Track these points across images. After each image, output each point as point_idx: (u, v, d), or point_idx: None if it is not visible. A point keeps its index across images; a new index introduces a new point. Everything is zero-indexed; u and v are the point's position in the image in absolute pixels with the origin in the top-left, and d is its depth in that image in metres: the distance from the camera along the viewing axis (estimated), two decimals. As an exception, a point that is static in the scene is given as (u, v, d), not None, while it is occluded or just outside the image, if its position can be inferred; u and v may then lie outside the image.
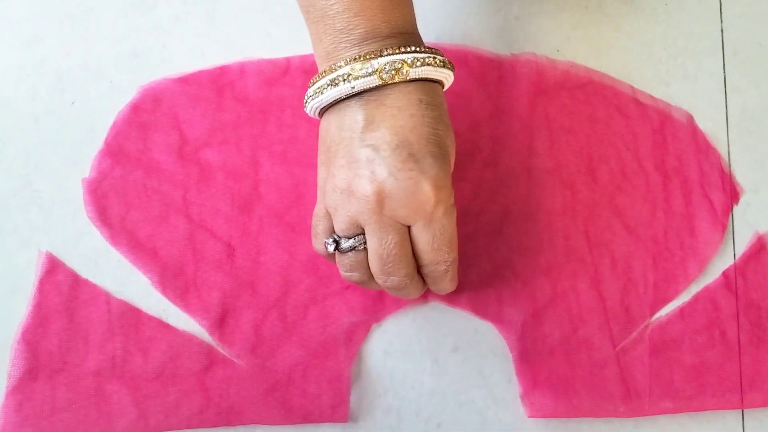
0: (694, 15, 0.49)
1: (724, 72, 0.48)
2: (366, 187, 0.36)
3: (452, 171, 0.39)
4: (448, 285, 0.40)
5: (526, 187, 0.46)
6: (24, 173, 0.45)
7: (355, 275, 0.39)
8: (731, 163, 0.47)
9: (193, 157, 0.45)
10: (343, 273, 0.40)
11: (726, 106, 0.48)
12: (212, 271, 0.43)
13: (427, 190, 0.36)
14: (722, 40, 0.49)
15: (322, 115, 0.39)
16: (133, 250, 0.44)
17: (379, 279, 0.38)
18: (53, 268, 0.43)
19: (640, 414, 0.43)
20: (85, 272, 0.43)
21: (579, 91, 0.47)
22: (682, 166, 0.46)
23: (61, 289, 0.43)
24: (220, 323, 0.43)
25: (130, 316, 0.43)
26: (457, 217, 0.45)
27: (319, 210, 0.40)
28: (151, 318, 0.43)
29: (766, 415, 0.44)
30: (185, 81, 0.46)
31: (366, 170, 0.36)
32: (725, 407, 0.44)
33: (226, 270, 0.44)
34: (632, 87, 0.47)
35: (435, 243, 0.38)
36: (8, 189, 0.44)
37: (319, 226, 0.40)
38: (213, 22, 0.47)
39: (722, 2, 0.49)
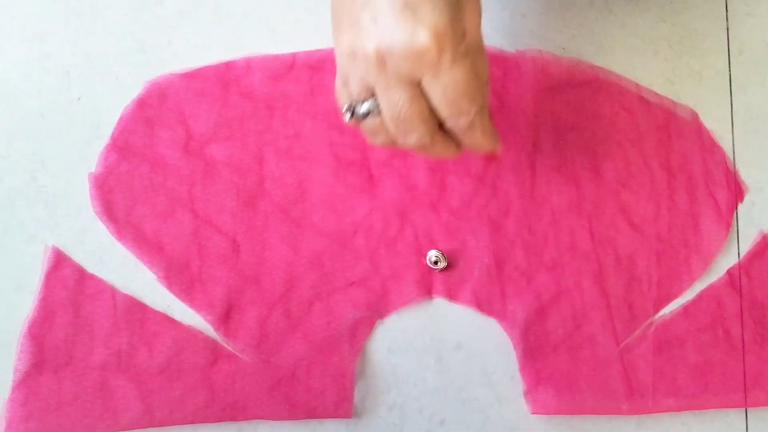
0: (700, 14, 0.49)
1: (730, 71, 0.48)
2: (366, 46, 0.35)
3: (477, 19, 0.36)
4: (480, 139, 0.37)
5: (531, 183, 0.46)
6: (30, 169, 0.45)
7: (380, 138, 0.38)
8: (736, 161, 0.47)
9: (198, 153, 0.45)
10: (368, 139, 0.38)
11: (731, 105, 0.48)
12: (217, 267, 0.44)
13: (423, 38, 0.33)
14: (728, 38, 0.49)
15: None
16: (139, 245, 0.44)
17: (399, 140, 0.37)
18: (59, 262, 0.43)
19: (644, 412, 0.43)
20: (91, 267, 0.44)
21: (584, 88, 0.47)
22: (687, 164, 0.46)
23: (67, 284, 0.43)
24: (225, 318, 0.43)
25: (136, 311, 0.43)
26: (461, 213, 0.45)
27: (336, 81, 0.38)
28: (156, 313, 0.43)
29: (769, 413, 0.44)
30: (191, 76, 0.46)
31: (365, 28, 0.35)
32: (729, 405, 0.44)
33: (231, 265, 0.44)
34: (637, 84, 0.47)
35: (448, 95, 0.35)
36: (15, 184, 0.44)
37: (341, 99, 0.38)
38: (218, 19, 0.47)
39: (728, 1, 0.49)
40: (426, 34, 0.34)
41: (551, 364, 0.43)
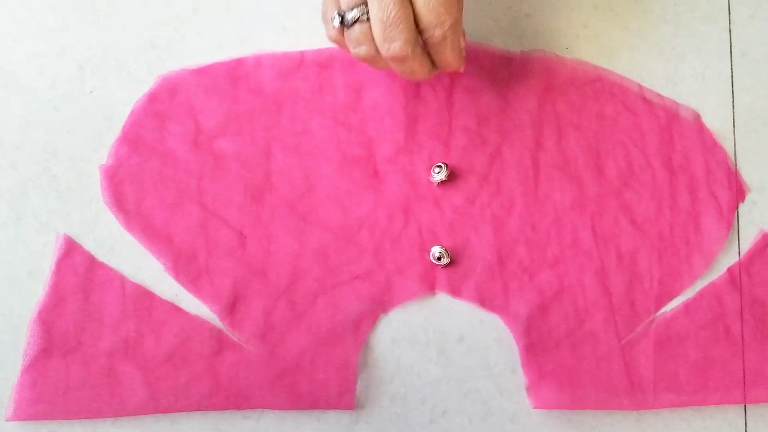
0: (703, 15, 0.49)
1: (732, 72, 0.49)
2: None
3: None
4: (449, 55, 0.40)
5: (534, 181, 0.46)
6: (43, 159, 0.46)
7: (363, 48, 0.40)
8: (738, 161, 0.48)
9: (207, 147, 0.46)
10: (352, 50, 0.40)
11: (733, 106, 0.48)
12: (224, 259, 0.44)
13: None
14: (730, 40, 0.49)
15: None
16: (148, 236, 0.44)
17: (382, 47, 0.39)
18: (70, 250, 0.44)
19: (644, 407, 0.43)
20: (101, 256, 0.44)
21: (587, 88, 0.48)
22: (689, 164, 0.47)
23: (77, 271, 0.44)
24: (230, 309, 0.44)
25: (144, 300, 0.44)
26: (464, 210, 0.46)
27: None
28: (164, 302, 0.44)
29: (768, 410, 0.44)
30: (202, 72, 0.47)
31: None
32: (728, 402, 0.44)
33: (238, 257, 0.44)
34: (640, 85, 0.48)
35: (430, 2, 0.38)
36: (28, 174, 0.45)
37: (328, 11, 0.40)
38: (230, 16, 0.48)
39: (731, 3, 0.50)
40: None
41: (553, 360, 0.44)
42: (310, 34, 0.47)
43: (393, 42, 0.38)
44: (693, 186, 0.47)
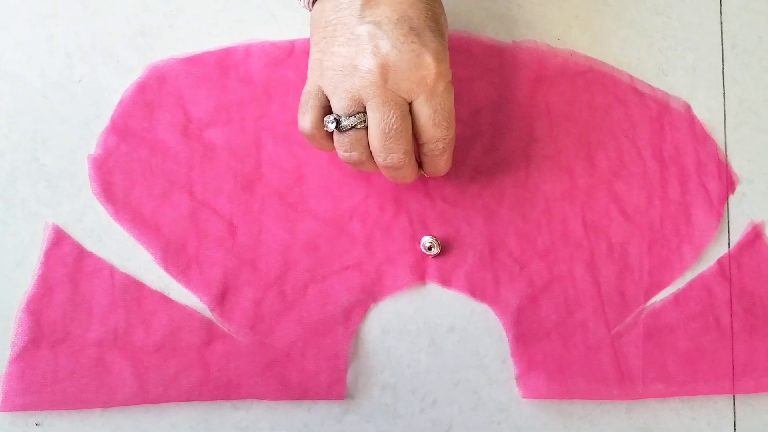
0: (695, 7, 0.49)
1: (723, 64, 0.49)
2: (370, 62, 0.37)
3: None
4: (443, 165, 0.42)
5: (525, 172, 0.46)
6: (31, 148, 0.45)
7: (354, 155, 0.40)
8: (728, 153, 0.48)
9: (197, 136, 0.46)
10: (341, 153, 0.40)
11: (724, 98, 0.48)
12: (214, 249, 0.44)
13: (429, 62, 0.37)
14: (721, 32, 0.49)
15: (314, 3, 0.40)
16: (137, 226, 0.44)
17: (379, 157, 0.39)
18: (59, 240, 0.44)
19: (633, 397, 0.44)
20: (90, 246, 0.44)
21: (579, 79, 0.48)
22: (680, 155, 0.47)
23: (66, 261, 0.43)
24: (220, 300, 0.44)
25: (133, 290, 0.43)
26: (456, 201, 0.46)
27: (310, 88, 0.40)
28: (153, 292, 0.44)
29: (756, 400, 0.45)
30: (191, 61, 0.47)
31: (369, 45, 0.37)
32: (717, 392, 0.44)
33: (228, 247, 0.44)
34: (631, 76, 0.48)
35: (436, 118, 0.39)
36: (16, 163, 0.45)
37: (308, 103, 0.40)
38: (220, 4, 0.48)
39: (722, -5, 0.50)
40: (431, 59, 0.37)
41: (543, 350, 0.44)
42: (300, 23, 0.47)
43: (392, 153, 0.39)
44: (683, 177, 0.47)
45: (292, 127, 0.46)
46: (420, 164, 0.42)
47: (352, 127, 0.39)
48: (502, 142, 0.47)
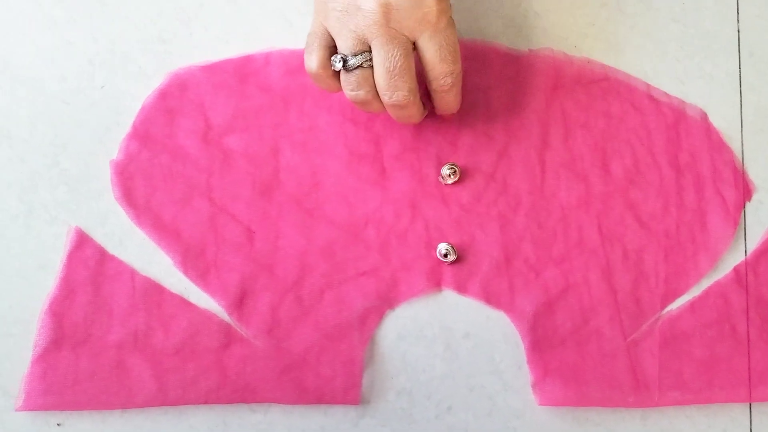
0: (711, 15, 0.49)
1: (740, 71, 0.49)
2: (371, 2, 0.38)
3: None
4: (453, 101, 0.43)
5: (541, 179, 0.46)
6: (53, 153, 0.46)
7: (361, 93, 0.41)
8: (745, 161, 0.48)
9: (216, 143, 0.46)
10: (348, 92, 0.41)
11: (741, 105, 0.48)
12: (232, 254, 0.45)
13: (429, 0, 0.39)
14: (738, 40, 0.49)
15: None
16: (157, 230, 0.45)
17: (385, 95, 0.40)
18: (82, 243, 0.45)
19: (649, 405, 0.44)
20: (111, 249, 0.45)
21: (594, 87, 0.48)
22: (696, 162, 0.47)
23: (88, 264, 0.44)
24: (238, 304, 0.44)
25: (154, 293, 0.44)
26: (471, 207, 0.46)
27: (315, 29, 0.41)
28: (173, 295, 0.44)
29: (773, 409, 0.44)
30: (211, 69, 0.47)
31: None
32: (733, 400, 0.44)
33: (246, 253, 0.45)
34: (647, 84, 0.48)
35: (441, 53, 0.40)
36: (38, 167, 0.46)
37: (314, 43, 0.41)
38: (237, 11, 0.48)
39: (739, 3, 0.50)
40: None
41: (559, 357, 0.44)
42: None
43: (397, 91, 0.40)
44: (699, 185, 0.47)
45: (309, 135, 0.47)
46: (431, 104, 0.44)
47: (358, 66, 0.40)
48: (518, 150, 0.47)
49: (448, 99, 0.43)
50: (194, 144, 0.46)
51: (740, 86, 0.49)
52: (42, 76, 0.47)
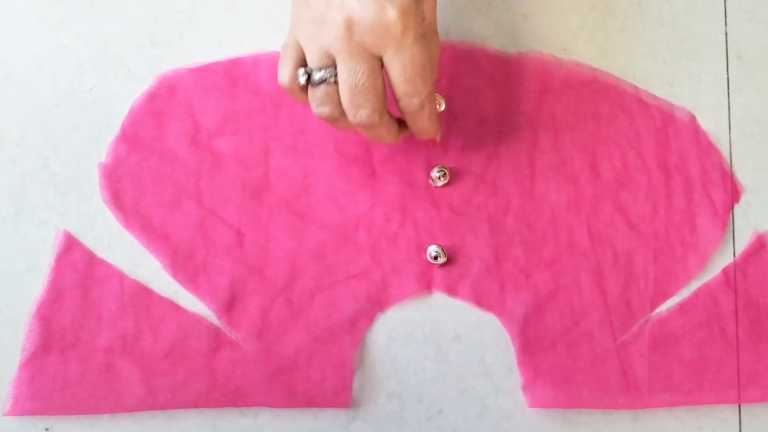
0: (699, 18, 0.50)
1: (728, 74, 0.49)
2: (336, 15, 0.37)
3: (432, 7, 0.40)
4: (426, 124, 0.41)
5: (530, 182, 0.47)
6: (43, 155, 0.46)
7: (326, 109, 0.39)
8: (733, 163, 0.48)
9: (206, 146, 0.46)
10: (315, 109, 0.40)
11: (729, 108, 0.49)
12: (222, 257, 0.44)
13: (392, 14, 0.37)
14: (726, 42, 0.50)
15: None
16: (146, 233, 0.45)
17: (350, 113, 0.39)
18: (70, 246, 0.44)
19: (639, 406, 0.44)
20: (100, 253, 0.44)
21: (584, 90, 0.48)
22: (684, 165, 0.47)
23: (76, 267, 0.44)
24: (228, 307, 0.44)
25: (143, 296, 0.44)
26: (461, 210, 0.46)
27: (289, 41, 0.40)
28: (162, 299, 0.44)
29: (762, 410, 0.45)
30: (200, 71, 0.47)
31: (335, 0, 0.37)
32: (723, 402, 0.44)
33: (236, 256, 0.45)
34: (635, 86, 0.48)
35: (407, 72, 0.38)
36: (27, 170, 0.46)
37: (286, 55, 0.40)
38: (229, 14, 0.48)
39: (727, 6, 0.50)
40: (394, 11, 0.37)
41: (549, 359, 0.44)
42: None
43: (360, 109, 0.38)
44: (688, 187, 0.47)
45: (299, 137, 0.46)
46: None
47: (323, 81, 0.38)
48: (508, 152, 0.47)
49: (420, 122, 0.40)
50: (183, 147, 0.46)
51: (728, 88, 0.49)
52: (33, 78, 0.47)
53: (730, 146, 0.48)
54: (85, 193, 0.45)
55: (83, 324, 0.43)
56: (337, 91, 0.39)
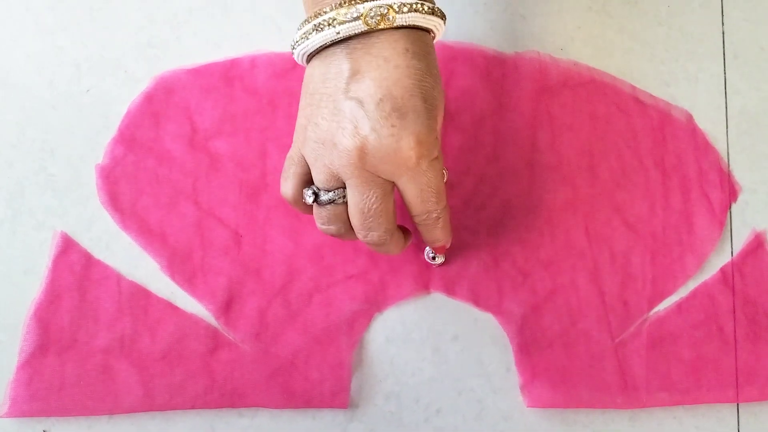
0: (696, 18, 0.50)
1: (725, 74, 0.49)
2: (348, 142, 0.36)
3: (441, 124, 0.39)
4: (440, 234, 0.40)
5: (528, 182, 0.47)
6: (40, 157, 0.46)
7: (332, 228, 0.39)
8: (730, 162, 0.48)
9: (203, 147, 0.46)
10: (319, 225, 0.40)
11: (726, 108, 0.49)
12: (219, 258, 0.44)
13: (407, 147, 0.36)
14: (723, 42, 0.50)
15: (309, 61, 0.39)
16: (143, 235, 0.45)
17: (360, 233, 0.38)
18: (67, 247, 0.44)
19: (637, 406, 0.44)
20: (97, 254, 0.44)
21: (581, 90, 0.48)
22: (681, 164, 0.47)
23: (74, 269, 0.44)
24: (225, 308, 0.44)
25: (140, 298, 0.44)
26: (459, 211, 0.46)
27: (293, 154, 0.39)
28: (159, 300, 0.44)
29: (760, 409, 0.44)
30: (197, 72, 0.47)
31: (349, 124, 0.36)
32: (720, 401, 0.44)
33: (233, 257, 0.45)
34: (633, 86, 0.48)
35: (423, 195, 0.38)
36: (25, 172, 0.46)
37: (290, 169, 0.39)
38: (226, 15, 0.48)
39: (724, 6, 0.50)
40: (411, 143, 0.36)
41: (547, 359, 0.44)
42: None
43: (372, 231, 0.38)
44: (685, 186, 0.47)
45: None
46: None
47: (331, 202, 0.38)
48: (505, 153, 0.47)
49: (433, 232, 0.40)
50: (180, 148, 0.46)
51: (725, 88, 0.49)
52: (30, 80, 0.47)
53: (728, 146, 0.48)
54: (83, 194, 0.45)
55: (81, 325, 0.43)
56: (345, 210, 0.38)
